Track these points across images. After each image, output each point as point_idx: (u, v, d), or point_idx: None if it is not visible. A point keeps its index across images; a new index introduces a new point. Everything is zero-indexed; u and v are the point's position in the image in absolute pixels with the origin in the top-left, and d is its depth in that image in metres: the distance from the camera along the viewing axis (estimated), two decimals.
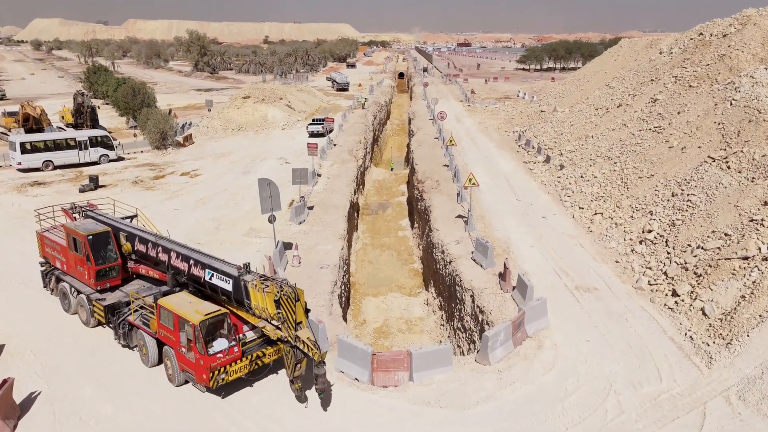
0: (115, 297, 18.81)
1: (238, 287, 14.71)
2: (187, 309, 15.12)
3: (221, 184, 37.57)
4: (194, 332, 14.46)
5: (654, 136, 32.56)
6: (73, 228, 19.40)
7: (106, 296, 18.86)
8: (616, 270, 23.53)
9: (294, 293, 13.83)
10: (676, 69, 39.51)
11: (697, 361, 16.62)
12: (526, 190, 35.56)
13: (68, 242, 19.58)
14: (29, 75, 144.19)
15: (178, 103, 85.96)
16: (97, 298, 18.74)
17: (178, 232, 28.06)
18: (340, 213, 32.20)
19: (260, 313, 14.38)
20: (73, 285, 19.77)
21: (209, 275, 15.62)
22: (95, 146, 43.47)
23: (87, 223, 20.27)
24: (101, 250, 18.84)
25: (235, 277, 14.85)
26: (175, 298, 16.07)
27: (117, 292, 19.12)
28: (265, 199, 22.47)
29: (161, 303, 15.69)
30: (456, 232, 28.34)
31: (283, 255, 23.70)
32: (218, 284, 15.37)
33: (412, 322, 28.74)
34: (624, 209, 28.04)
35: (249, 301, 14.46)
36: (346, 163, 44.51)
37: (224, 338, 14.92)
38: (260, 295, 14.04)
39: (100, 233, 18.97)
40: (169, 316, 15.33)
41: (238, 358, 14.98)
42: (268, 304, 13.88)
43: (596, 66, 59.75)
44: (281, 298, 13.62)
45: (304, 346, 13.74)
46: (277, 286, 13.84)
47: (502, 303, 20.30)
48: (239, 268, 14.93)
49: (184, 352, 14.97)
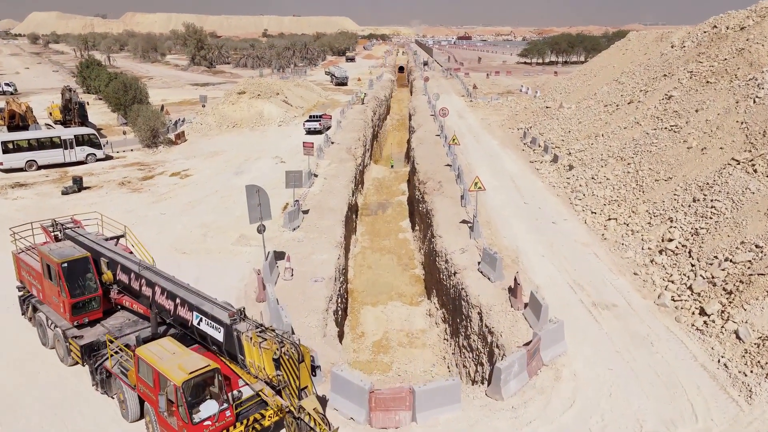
0: (94, 334, 16.17)
1: (230, 338, 12.24)
2: (169, 363, 12.50)
3: (212, 186, 35.67)
4: (176, 394, 11.94)
5: (670, 135, 30.63)
6: (46, 253, 16.61)
7: (85, 332, 16.26)
8: (635, 283, 21.68)
9: (297, 352, 11.39)
10: (690, 64, 37.51)
11: (734, 395, 14.79)
12: (534, 192, 33.66)
13: (43, 268, 16.96)
14: (24, 69, 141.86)
15: (172, 98, 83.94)
16: (73, 334, 16.14)
17: (163, 239, 26.26)
18: (337, 217, 30.32)
19: (256, 372, 11.79)
20: (49, 316, 17.23)
21: (197, 319, 13.15)
22: (81, 145, 41.52)
23: (64, 246, 17.33)
24: (78, 279, 16.24)
25: (226, 325, 12.32)
26: (157, 346, 13.41)
27: (98, 328, 16.51)
28: (253, 207, 20.51)
29: (139, 353, 13.12)
30: (460, 239, 26.48)
31: (273, 267, 21.82)
32: (207, 332, 12.94)
33: (414, 335, 26.95)
34: (640, 215, 26.16)
35: (243, 357, 11.98)
36: (345, 162, 42.60)
37: (214, 399, 12.37)
38: (256, 351, 11.52)
39: (76, 260, 16.25)
40: (149, 371, 12.78)
41: (231, 424, 12.50)
42: (266, 363, 11.40)
43: (603, 60, 57.70)
44: (282, 358, 11.20)
45: (310, 420, 11.37)
46: (276, 341, 11.36)
47: (514, 323, 18.45)
48: (231, 315, 12.31)
49: (166, 416, 12.49)
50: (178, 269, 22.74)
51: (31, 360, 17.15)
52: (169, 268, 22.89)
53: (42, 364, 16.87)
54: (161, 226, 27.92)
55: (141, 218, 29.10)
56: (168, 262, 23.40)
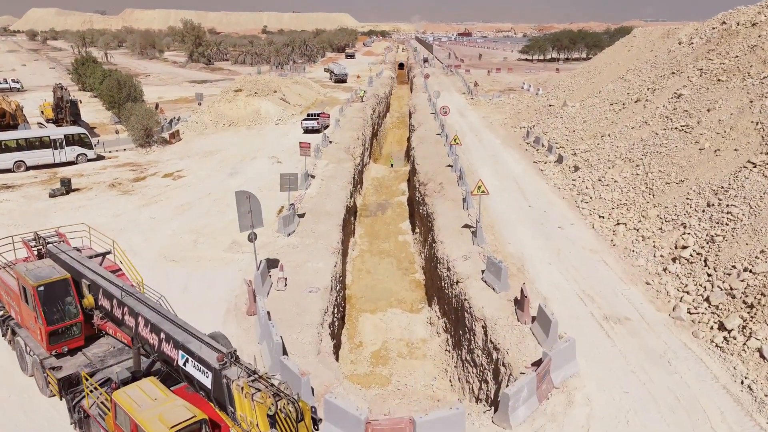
0: (74, 365, 14.42)
1: (219, 385, 10.55)
2: (148, 413, 10.88)
3: (205, 188, 34.46)
4: None
5: (681, 136, 29.43)
6: (22, 273, 14.91)
7: (65, 362, 14.57)
8: (648, 294, 20.51)
9: (296, 409, 9.58)
10: (700, 61, 36.28)
11: (762, 421, 13.65)
12: (538, 194, 32.46)
13: (19, 289, 15.27)
14: (21, 66, 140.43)
15: (169, 95, 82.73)
16: (51, 364, 14.44)
17: (152, 245, 25.11)
18: (334, 221, 29.14)
19: (248, 428, 10.02)
20: (27, 342, 15.57)
21: (183, 359, 11.43)
22: (72, 145, 40.30)
23: (42, 266, 15.43)
24: (57, 303, 14.50)
25: (215, 369, 10.60)
26: (137, 390, 11.71)
27: (79, 357, 14.79)
28: (243, 214, 19.27)
29: (117, 399, 11.50)
30: (463, 245, 25.30)
31: (266, 277, 20.64)
32: (194, 375, 11.18)
33: (414, 345, 25.79)
34: (651, 220, 24.98)
35: (233, 409, 10.28)
36: (343, 162, 41.39)
37: None
38: (248, 405, 9.80)
39: (54, 282, 14.49)
40: (126, 420, 11.18)
41: None
42: (260, 419, 9.67)
43: (608, 57, 56.41)
44: (277, 415, 9.52)
45: None
46: (271, 395, 9.60)
47: (521, 339, 17.29)
48: (220, 359, 10.49)
49: None
50: (166, 279, 21.65)
51: (8, 386, 15.86)
52: (156, 277, 21.80)
53: (20, 393, 15.50)
54: (150, 232, 26.74)
55: (130, 223, 27.93)
56: (156, 270, 22.29)
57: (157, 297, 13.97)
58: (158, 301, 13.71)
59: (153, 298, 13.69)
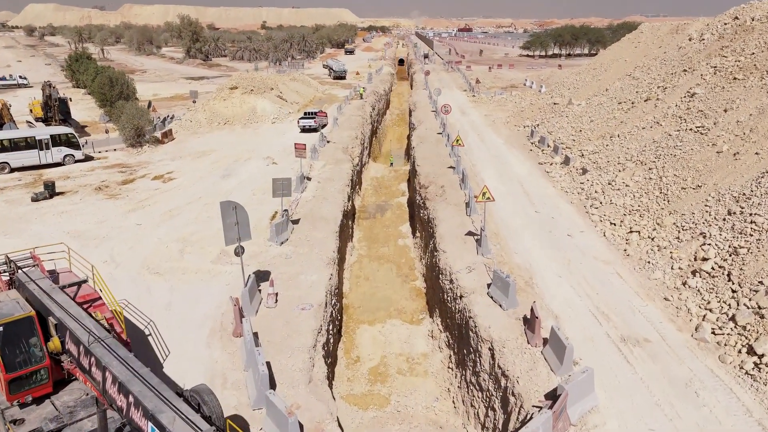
0: (40, 416, 12.31)
1: None
2: None
3: (196, 191, 32.90)
4: None
5: (697, 137, 27.87)
6: None
7: (28, 413, 12.50)
8: (667, 311, 19.00)
9: None
10: (713, 58, 34.69)
11: None
12: (545, 199, 30.90)
13: None
14: (16, 62, 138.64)
15: (164, 92, 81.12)
16: (13, 417, 12.35)
17: (135, 256, 23.58)
18: (330, 228, 27.61)
19: None
20: None
21: None
22: (58, 145, 38.73)
23: (4, 300, 13.32)
24: (19, 345, 12.38)
25: None
26: None
27: (46, 406, 12.67)
28: (229, 227, 17.68)
29: None
30: (467, 255, 23.79)
31: (254, 293, 19.10)
32: None
33: (415, 360, 24.32)
34: (667, 228, 23.45)
35: None
36: (341, 163, 39.83)
37: None
38: None
39: (15, 322, 12.33)
40: None
41: None
42: None
43: (614, 53, 54.76)
44: None
45: None
46: None
47: (532, 365, 15.79)
48: None
49: None
50: (149, 294, 20.15)
51: None
52: (139, 292, 20.30)
53: None
54: (135, 240, 25.20)
55: (114, 230, 26.39)
56: (138, 285, 20.80)
57: (145, 323, 12.27)
58: (146, 327, 11.96)
59: (140, 325, 12.01)
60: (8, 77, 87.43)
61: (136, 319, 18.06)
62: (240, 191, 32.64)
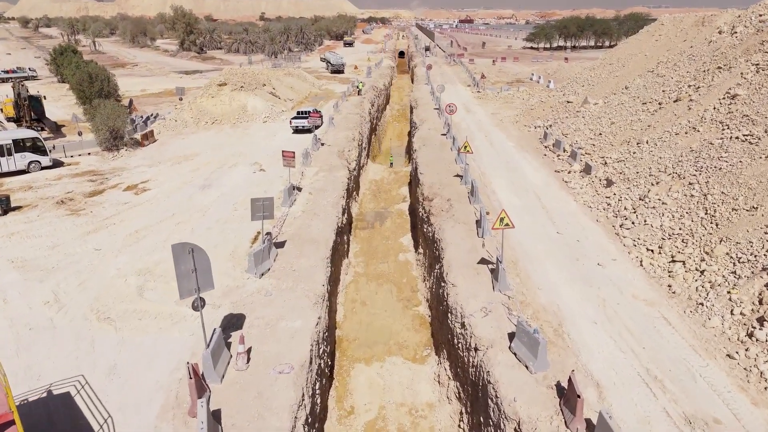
0: None
1: None
2: None
3: (169, 206, 29.03)
4: None
5: (746, 148, 24.02)
6: None
7: None
8: (734, 372, 15.25)
9: None
10: (754, 54, 30.77)
11: None
12: (567, 216, 27.05)
13: None
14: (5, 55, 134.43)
15: (153, 87, 77.19)
16: None
17: (85, 294, 19.73)
18: (320, 254, 23.79)
19: None
20: None
21: None
22: (22, 151, 34.87)
23: None
24: None
25: None
26: None
27: None
28: (184, 275, 13.76)
29: None
30: (480, 290, 20.01)
31: (221, 353, 15.30)
32: None
33: (419, 413, 20.67)
34: (719, 260, 19.64)
35: None
36: (335, 170, 35.98)
37: None
38: None
39: None
40: None
41: None
42: None
43: (632, 47, 50.66)
44: None
45: None
46: None
47: None
48: None
49: None
50: (91, 352, 16.32)
51: None
52: (80, 349, 16.28)
53: None
54: (89, 272, 21.36)
55: (67, 258, 22.54)
56: (80, 339, 16.94)
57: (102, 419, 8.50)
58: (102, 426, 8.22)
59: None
60: (18, 69, 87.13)
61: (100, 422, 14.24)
62: (220, 206, 28.84)
